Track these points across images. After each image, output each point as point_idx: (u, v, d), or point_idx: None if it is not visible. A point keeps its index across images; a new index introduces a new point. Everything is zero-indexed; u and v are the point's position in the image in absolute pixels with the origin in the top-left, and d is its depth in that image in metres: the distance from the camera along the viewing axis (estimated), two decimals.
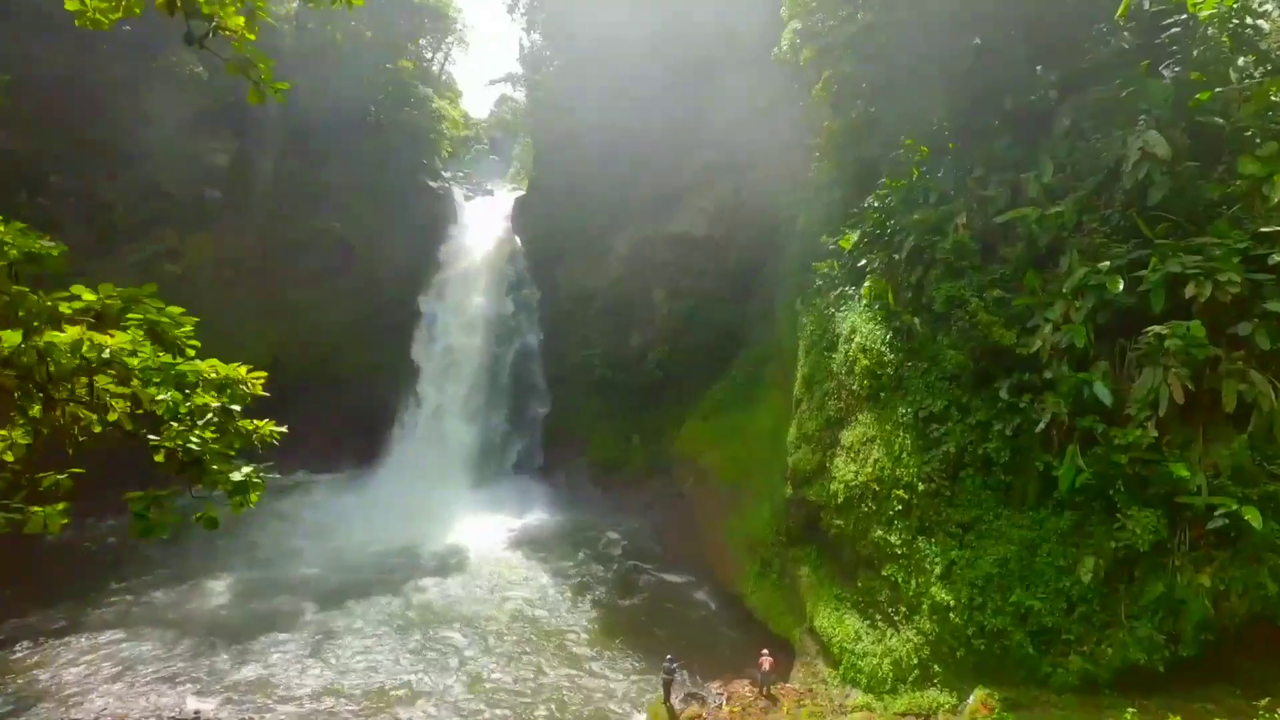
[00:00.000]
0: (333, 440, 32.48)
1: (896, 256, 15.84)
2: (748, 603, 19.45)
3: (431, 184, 35.86)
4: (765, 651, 15.75)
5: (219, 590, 20.29)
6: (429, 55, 43.75)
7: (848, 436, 16.35)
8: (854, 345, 16.41)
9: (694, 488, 25.79)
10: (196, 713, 14.65)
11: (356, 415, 33.29)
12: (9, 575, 19.97)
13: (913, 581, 13.81)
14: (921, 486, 14.05)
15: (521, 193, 39.08)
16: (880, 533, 14.73)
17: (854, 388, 16.38)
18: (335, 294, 33.67)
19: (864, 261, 17.16)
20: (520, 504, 30.05)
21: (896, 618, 14.39)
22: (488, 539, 25.67)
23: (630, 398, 35.12)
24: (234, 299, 30.65)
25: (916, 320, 15.29)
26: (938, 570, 13.24)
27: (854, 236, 17.79)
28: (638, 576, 22.87)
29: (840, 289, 18.10)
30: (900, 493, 14.41)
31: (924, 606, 13.40)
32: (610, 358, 35.11)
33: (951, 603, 12.75)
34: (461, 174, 41.29)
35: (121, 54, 25.53)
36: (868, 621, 15.20)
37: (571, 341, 36.39)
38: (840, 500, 16.01)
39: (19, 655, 16.29)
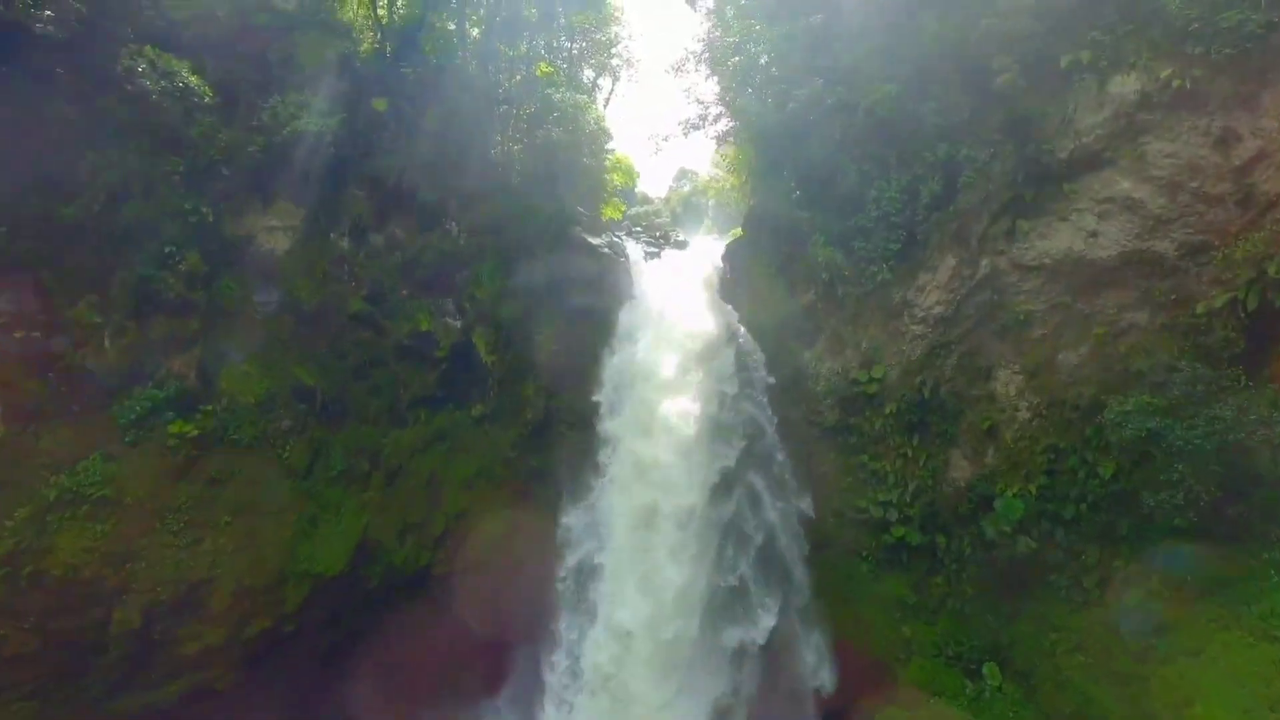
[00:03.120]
0: (437, 679, 18.72)
1: None
2: None
3: (593, 240, 22.48)
4: None
5: None
6: (588, 79, 32.40)
7: None
8: None
9: None
10: None
11: (483, 638, 19.47)
12: None
13: None
14: None
15: (732, 237, 24.19)
16: None
17: None
18: (451, 431, 20.92)
19: None
20: None
21: None
22: None
23: (963, 581, 17.94)
24: (302, 449, 19.22)
25: None
26: None
27: None
28: None
29: None
30: None
31: None
32: (914, 507, 18.06)
33: None
34: (639, 228, 27.91)
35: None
36: None
37: (839, 483, 20.06)
38: None
39: None
